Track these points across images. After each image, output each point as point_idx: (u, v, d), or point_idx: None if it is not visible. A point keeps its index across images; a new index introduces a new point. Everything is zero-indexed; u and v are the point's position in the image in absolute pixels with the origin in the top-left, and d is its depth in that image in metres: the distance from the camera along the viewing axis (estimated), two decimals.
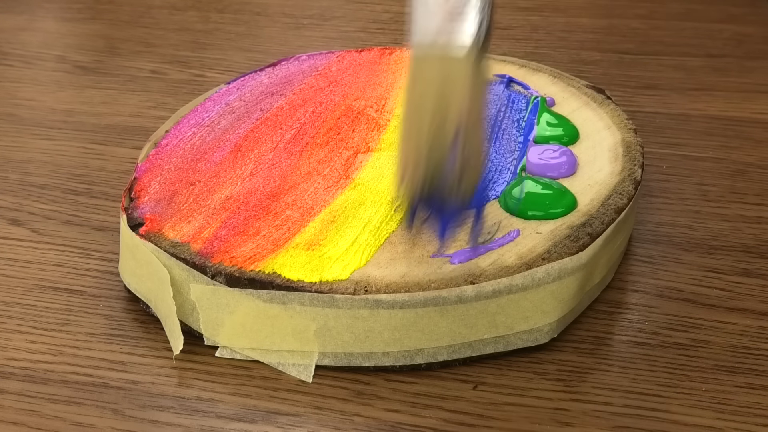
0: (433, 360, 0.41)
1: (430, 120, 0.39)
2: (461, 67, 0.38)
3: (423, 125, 0.39)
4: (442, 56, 0.38)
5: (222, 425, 0.39)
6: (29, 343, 0.44)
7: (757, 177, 0.55)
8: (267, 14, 0.83)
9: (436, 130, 0.39)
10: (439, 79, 0.39)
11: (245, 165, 0.49)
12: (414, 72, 0.40)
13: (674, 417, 0.39)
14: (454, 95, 0.38)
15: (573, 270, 0.41)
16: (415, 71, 0.40)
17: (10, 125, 0.64)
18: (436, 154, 0.39)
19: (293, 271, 0.41)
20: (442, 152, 0.38)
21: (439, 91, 0.39)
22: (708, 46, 0.73)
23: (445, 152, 0.38)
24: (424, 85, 0.39)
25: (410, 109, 0.40)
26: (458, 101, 0.38)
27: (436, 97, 0.39)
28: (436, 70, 0.39)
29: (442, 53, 0.38)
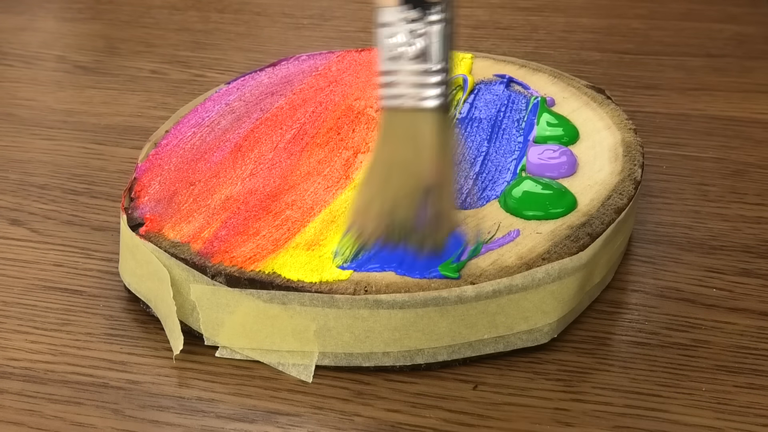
0: (433, 360, 0.41)
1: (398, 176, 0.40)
2: (429, 123, 0.40)
3: (391, 180, 0.41)
4: (410, 113, 0.40)
5: (222, 425, 0.39)
6: (29, 343, 0.44)
7: (757, 177, 0.55)
8: (267, 14, 0.83)
9: (404, 187, 0.40)
10: (409, 135, 0.40)
11: (245, 165, 0.49)
12: (384, 127, 0.41)
13: (674, 417, 0.39)
14: (424, 151, 0.40)
15: (573, 270, 0.41)
16: (386, 126, 0.41)
17: (10, 125, 0.64)
18: (402, 212, 0.40)
19: (293, 271, 0.41)
20: (409, 210, 0.40)
21: (409, 146, 0.40)
22: (708, 46, 0.73)
23: (413, 210, 0.40)
24: (394, 141, 0.41)
25: (379, 163, 0.41)
26: (427, 158, 0.40)
27: (406, 153, 0.40)
28: (406, 127, 0.40)
29: (411, 110, 0.40)
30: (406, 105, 0.40)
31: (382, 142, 0.41)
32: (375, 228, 0.41)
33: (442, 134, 0.40)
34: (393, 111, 0.41)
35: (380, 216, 0.41)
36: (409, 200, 0.40)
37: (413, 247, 0.41)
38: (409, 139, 0.40)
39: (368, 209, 0.41)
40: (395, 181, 0.40)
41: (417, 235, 0.40)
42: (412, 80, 0.40)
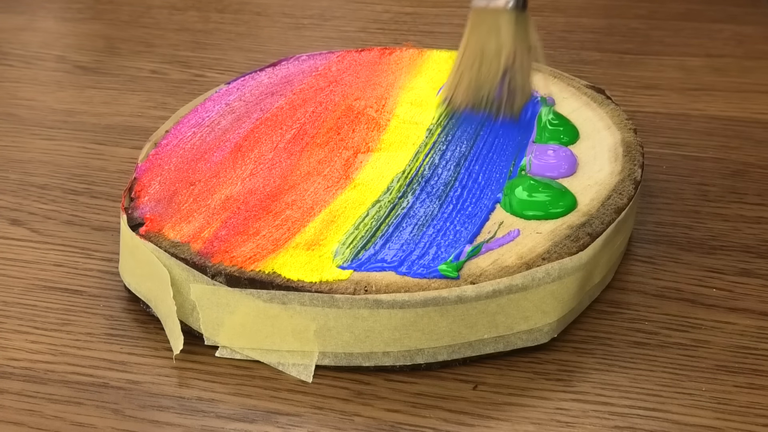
0: (433, 360, 0.41)
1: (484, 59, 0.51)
2: (508, 19, 0.50)
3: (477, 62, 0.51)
4: (494, 11, 0.51)
5: (222, 425, 0.39)
6: (29, 343, 0.44)
7: (757, 177, 0.55)
8: (267, 14, 0.83)
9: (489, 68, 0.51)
10: (493, 29, 0.51)
11: (245, 165, 0.49)
12: (473, 23, 0.52)
13: (674, 417, 0.39)
14: (504, 42, 0.51)
15: (573, 270, 0.41)
16: (475, 22, 0.52)
17: (10, 125, 0.64)
18: (487, 86, 0.51)
19: (293, 271, 0.41)
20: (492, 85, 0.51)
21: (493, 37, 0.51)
22: (708, 46, 0.73)
23: (495, 86, 0.51)
24: (481, 33, 0.51)
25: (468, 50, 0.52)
26: (507, 46, 0.51)
27: (490, 43, 0.51)
28: (490, 22, 0.51)
29: (495, 9, 0.51)
30: (491, 5, 0.51)
31: (471, 34, 0.52)
32: (464, 98, 0.52)
33: (519, 28, 0.51)
34: (480, 10, 0.51)
35: (469, 89, 0.52)
36: (493, 79, 0.51)
37: (494, 113, 0.52)
38: (493, 32, 0.51)
39: (459, 85, 0.52)
40: (482, 63, 0.51)
41: (498, 103, 0.51)
42: None
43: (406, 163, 0.49)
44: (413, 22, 0.80)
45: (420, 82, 0.58)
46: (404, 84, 0.57)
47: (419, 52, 0.61)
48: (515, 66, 0.51)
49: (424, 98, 0.56)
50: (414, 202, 0.46)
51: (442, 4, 0.84)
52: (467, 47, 0.52)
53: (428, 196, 0.46)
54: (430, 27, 0.79)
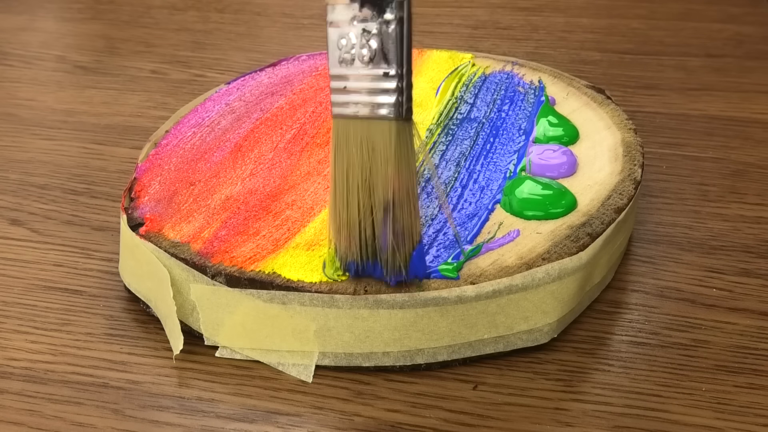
0: (433, 360, 0.41)
1: (359, 194, 0.38)
2: (386, 134, 0.37)
3: (353, 199, 0.38)
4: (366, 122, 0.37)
5: (222, 425, 0.39)
6: (29, 343, 0.44)
7: (757, 177, 0.55)
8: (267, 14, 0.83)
9: (366, 204, 0.37)
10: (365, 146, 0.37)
11: (245, 165, 0.49)
12: (338, 138, 0.38)
13: (674, 417, 0.39)
14: (381, 165, 0.37)
15: (573, 270, 0.41)
16: (339, 137, 0.38)
17: (10, 125, 0.64)
18: (369, 230, 0.38)
19: (293, 271, 0.41)
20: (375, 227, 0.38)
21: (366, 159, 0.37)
22: (708, 46, 0.73)
23: (377, 228, 0.38)
24: (350, 156, 0.37)
25: (338, 180, 0.38)
26: (386, 172, 0.37)
27: (364, 169, 0.37)
28: (361, 137, 0.37)
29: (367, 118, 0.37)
30: (361, 114, 0.37)
31: (338, 153, 0.38)
32: (348, 247, 0.39)
33: (402, 145, 0.37)
34: (347, 120, 0.37)
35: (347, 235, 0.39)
36: (372, 218, 0.38)
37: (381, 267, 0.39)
38: (367, 150, 0.37)
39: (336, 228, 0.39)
40: (355, 197, 0.38)
41: (383, 254, 0.38)
42: (367, 86, 0.36)
43: None
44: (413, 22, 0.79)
45: (420, 82, 0.58)
46: None
47: (419, 52, 0.62)
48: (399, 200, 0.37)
49: (423, 98, 0.56)
50: None
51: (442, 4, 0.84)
52: (335, 173, 0.38)
53: (428, 197, 0.46)
54: (430, 27, 0.79)
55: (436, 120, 0.53)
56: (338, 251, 0.39)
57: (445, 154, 0.50)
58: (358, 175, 0.37)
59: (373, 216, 0.38)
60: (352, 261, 0.39)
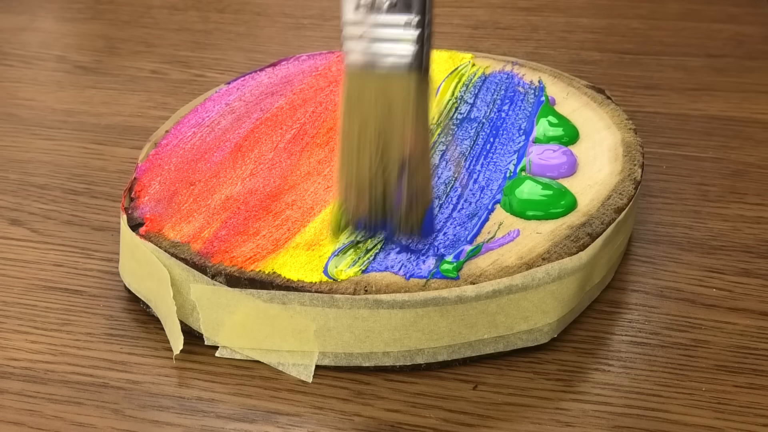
0: (433, 360, 0.41)
1: (373, 150, 0.36)
2: (404, 88, 0.35)
3: (365, 155, 0.36)
4: (384, 74, 0.35)
5: (222, 425, 0.39)
6: (29, 343, 0.44)
7: (757, 177, 0.55)
8: (267, 14, 0.83)
9: (379, 161, 0.36)
10: (382, 100, 0.35)
11: (245, 165, 0.49)
12: (351, 90, 0.36)
13: (674, 417, 0.39)
14: (398, 121, 0.35)
15: (573, 270, 0.41)
16: (354, 89, 0.36)
17: (10, 125, 0.64)
18: (380, 187, 0.36)
19: (293, 271, 0.41)
20: (387, 185, 0.36)
21: (382, 116, 0.35)
22: (708, 46, 0.73)
23: (391, 185, 0.36)
24: (364, 110, 0.35)
25: (349, 135, 0.36)
26: (402, 128, 0.35)
27: (379, 124, 0.35)
28: (378, 90, 0.35)
29: (383, 72, 0.35)
30: (378, 64, 0.34)
31: (350, 107, 0.36)
32: (357, 205, 0.37)
33: (419, 100, 0.35)
34: (363, 71, 0.35)
35: (359, 193, 0.37)
36: (385, 176, 0.36)
37: (392, 228, 0.37)
38: (383, 105, 0.35)
39: (347, 185, 0.37)
40: (368, 154, 0.36)
41: (395, 214, 0.36)
42: (386, 34, 0.34)
43: None
44: None
45: None
46: None
47: None
48: (415, 157, 0.36)
49: None
50: None
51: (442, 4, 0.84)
52: (345, 129, 0.37)
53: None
54: None
55: (436, 120, 0.53)
56: (347, 208, 0.37)
57: (445, 154, 0.50)
58: (373, 130, 0.35)
59: (387, 174, 0.36)
60: (361, 219, 0.37)
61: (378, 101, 0.35)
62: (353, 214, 0.37)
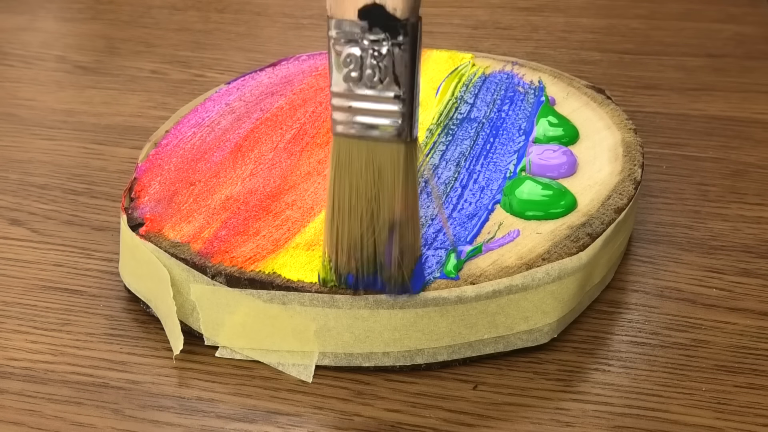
0: (433, 360, 0.41)
1: (363, 212, 0.37)
2: (393, 156, 0.36)
3: (355, 217, 0.38)
4: (371, 144, 0.36)
5: (222, 425, 0.39)
6: (29, 343, 0.44)
7: (757, 177, 0.55)
8: (267, 14, 0.83)
9: (369, 223, 0.37)
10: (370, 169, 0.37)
11: (245, 165, 0.49)
12: (340, 157, 0.37)
13: (674, 417, 0.39)
14: (388, 186, 0.37)
15: (573, 270, 0.41)
16: (342, 157, 0.37)
17: (10, 125, 0.64)
18: (371, 247, 0.38)
19: (293, 271, 0.41)
20: (378, 245, 0.38)
21: (371, 181, 0.37)
22: (708, 46, 0.73)
23: (381, 246, 0.38)
24: (354, 175, 0.37)
25: (340, 198, 0.38)
26: (393, 192, 0.37)
27: (369, 189, 0.37)
28: (366, 158, 0.37)
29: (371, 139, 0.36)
30: (367, 135, 0.36)
31: (340, 172, 0.37)
32: (347, 262, 0.38)
33: (408, 165, 0.36)
34: (350, 140, 0.36)
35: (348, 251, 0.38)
36: (375, 236, 0.37)
37: (382, 282, 0.38)
38: (372, 171, 0.36)
39: (335, 244, 0.38)
40: (358, 216, 0.37)
41: (386, 271, 0.38)
42: (374, 107, 0.36)
43: None
44: None
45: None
46: None
47: None
48: (404, 219, 0.37)
49: (423, 98, 0.56)
50: None
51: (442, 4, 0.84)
52: (336, 193, 0.38)
53: (428, 196, 0.46)
54: (430, 27, 0.79)
55: (436, 120, 0.53)
56: (335, 266, 0.39)
57: (445, 154, 0.50)
58: (363, 195, 0.37)
59: (377, 235, 0.37)
60: (351, 274, 0.39)
61: (367, 168, 0.37)
62: (343, 269, 0.39)
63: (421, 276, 0.39)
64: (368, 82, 0.35)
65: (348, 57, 0.35)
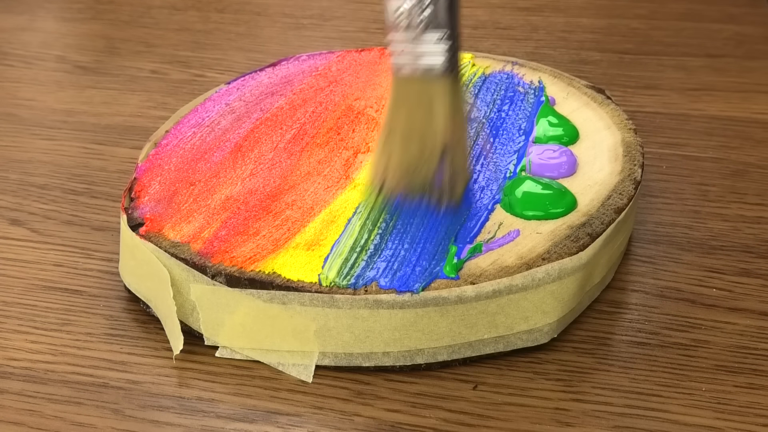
0: (433, 360, 0.41)
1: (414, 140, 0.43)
2: (441, 89, 0.42)
3: (410, 145, 0.43)
4: (423, 80, 0.42)
5: (222, 425, 0.39)
6: (29, 343, 0.44)
7: (757, 177, 0.55)
8: (267, 14, 0.83)
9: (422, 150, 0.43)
10: (423, 101, 0.43)
11: (245, 165, 0.49)
12: (397, 94, 0.44)
13: (674, 417, 0.39)
14: (438, 115, 0.42)
15: (573, 270, 0.41)
16: (399, 93, 0.43)
17: (10, 125, 0.64)
18: (422, 172, 0.43)
19: (293, 271, 0.41)
20: (428, 170, 0.43)
21: (424, 112, 0.43)
22: (708, 46, 0.73)
23: (431, 170, 0.43)
24: (409, 107, 0.43)
25: (396, 129, 0.43)
26: (442, 120, 0.42)
27: (421, 119, 0.43)
28: (419, 93, 0.43)
29: (423, 77, 0.42)
30: (418, 73, 0.42)
31: (396, 108, 0.44)
32: (396, 186, 0.44)
33: (454, 98, 0.42)
34: (405, 79, 0.43)
35: (401, 176, 0.43)
36: (428, 161, 0.43)
37: (433, 203, 0.43)
38: (424, 105, 0.43)
39: (388, 170, 0.44)
40: (413, 144, 0.43)
41: (436, 191, 0.43)
42: (422, 48, 0.42)
43: None
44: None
45: None
46: None
47: None
48: (454, 144, 0.43)
49: None
50: None
51: None
52: (393, 123, 0.43)
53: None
54: None
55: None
56: (384, 189, 0.44)
57: None
58: (417, 126, 0.43)
59: (429, 161, 0.43)
60: (399, 196, 0.44)
61: (420, 102, 0.43)
62: (392, 192, 0.44)
63: (471, 196, 0.45)
64: (415, 28, 0.42)
65: (399, 9, 0.42)
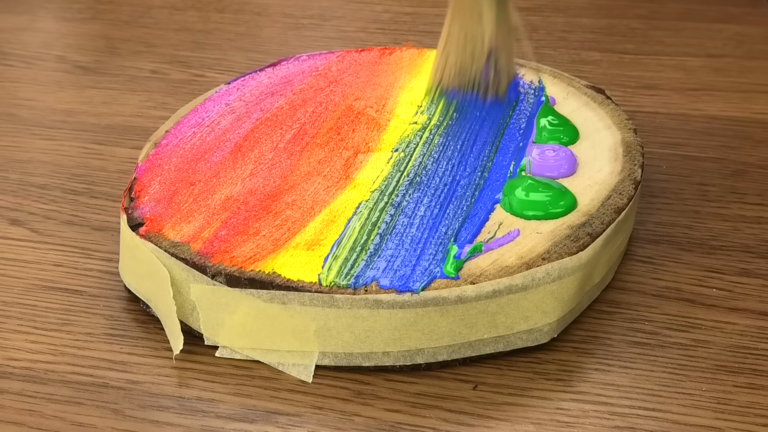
0: (433, 360, 0.41)
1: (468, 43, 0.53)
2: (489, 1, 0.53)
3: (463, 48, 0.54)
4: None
5: (222, 425, 0.39)
6: (29, 343, 0.44)
7: (757, 177, 0.55)
8: (267, 14, 0.83)
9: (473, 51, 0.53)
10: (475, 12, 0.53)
11: (245, 165, 0.49)
12: (456, 7, 0.54)
13: (674, 417, 0.39)
14: (486, 24, 0.53)
15: (573, 270, 0.41)
16: (457, 6, 0.54)
17: (10, 125, 0.64)
18: (473, 68, 0.54)
19: (293, 271, 0.41)
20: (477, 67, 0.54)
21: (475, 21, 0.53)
22: (708, 46, 0.73)
23: (480, 67, 0.54)
24: (463, 17, 0.53)
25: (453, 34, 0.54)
26: (489, 28, 0.53)
27: (473, 26, 0.53)
28: (472, 6, 0.53)
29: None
30: None
31: (453, 18, 0.54)
32: (451, 79, 0.54)
33: (501, 10, 0.53)
34: None
35: (456, 71, 0.54)
36: (478, 61, 0.53)
37: (482, 94, 0.54)
38: (475, 15, 0.53)
39: (446, 66, 0.54)
40: (467, 47, 0.53)
41: (485, 85, 0.54)
42: None
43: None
44: (413, 22, 0.80)
45: (420, 82, 0.58)
46: (404, 84, 0.57)
47: (419, 52, 0.62)
48: (499, 47, 0.53)
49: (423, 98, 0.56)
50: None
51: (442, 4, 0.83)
52: (451, 31, 0.54)
53: None
54: (430, 27, 0.79)
55: (436, 120, 0.53)
56: (442, 83, 0.55)
57: (445, 153, 0.50)
58: (469, 33, 0.53)
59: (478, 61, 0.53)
60: (454, 89, 0.54)
61: (473, 13, 0.53)
62: (449, 86, 0.55)
63: (516, 90, 0.55)
64: None
65: None
